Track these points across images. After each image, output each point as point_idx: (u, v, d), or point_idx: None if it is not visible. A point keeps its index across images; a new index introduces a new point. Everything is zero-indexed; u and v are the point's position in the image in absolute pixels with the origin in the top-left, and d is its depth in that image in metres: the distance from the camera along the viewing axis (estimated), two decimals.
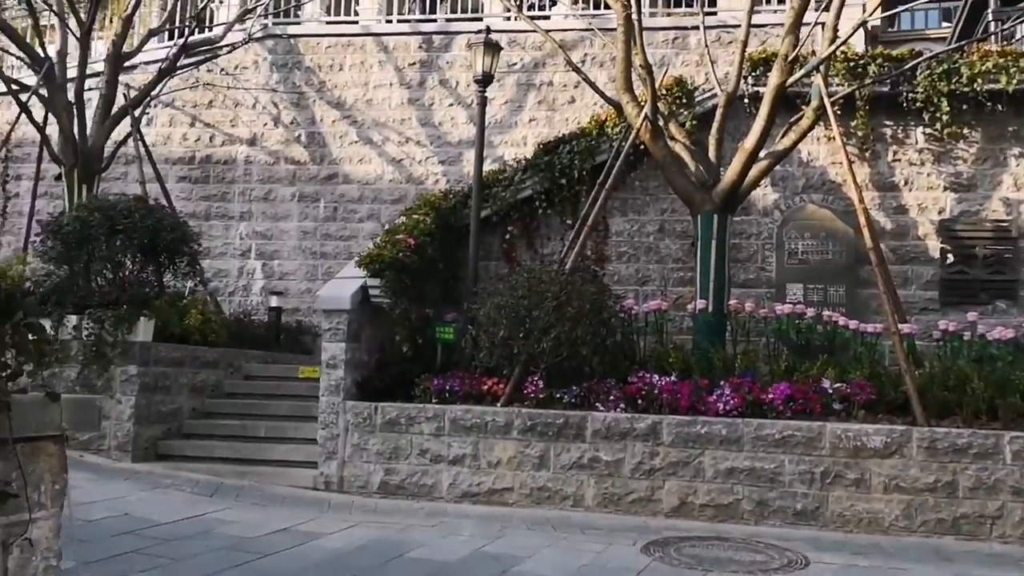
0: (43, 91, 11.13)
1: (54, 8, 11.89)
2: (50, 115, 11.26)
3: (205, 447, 9.08)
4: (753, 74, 10.24)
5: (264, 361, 10.86)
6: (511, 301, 8.01)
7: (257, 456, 8.88)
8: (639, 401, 7.82)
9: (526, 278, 8.27)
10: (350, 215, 12.89)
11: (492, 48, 9.93)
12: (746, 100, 10.15)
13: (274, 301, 12.23)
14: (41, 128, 11.25)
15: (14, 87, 11.33)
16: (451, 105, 12.85)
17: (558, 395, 7.98)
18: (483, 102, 9.93)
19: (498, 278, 9.40)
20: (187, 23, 12.59)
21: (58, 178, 11.43)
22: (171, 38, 13.53)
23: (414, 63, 13.00)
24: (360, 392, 8.48)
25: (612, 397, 7.86)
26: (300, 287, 12.72)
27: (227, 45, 12.96)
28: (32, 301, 8.85)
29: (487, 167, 10.91)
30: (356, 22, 13.62)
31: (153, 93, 12.38)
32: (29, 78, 12.03)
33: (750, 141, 8.88)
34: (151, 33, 12.44)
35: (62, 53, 11.61)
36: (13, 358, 2.84)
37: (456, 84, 12.87)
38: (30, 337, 2.87)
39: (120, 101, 11.72)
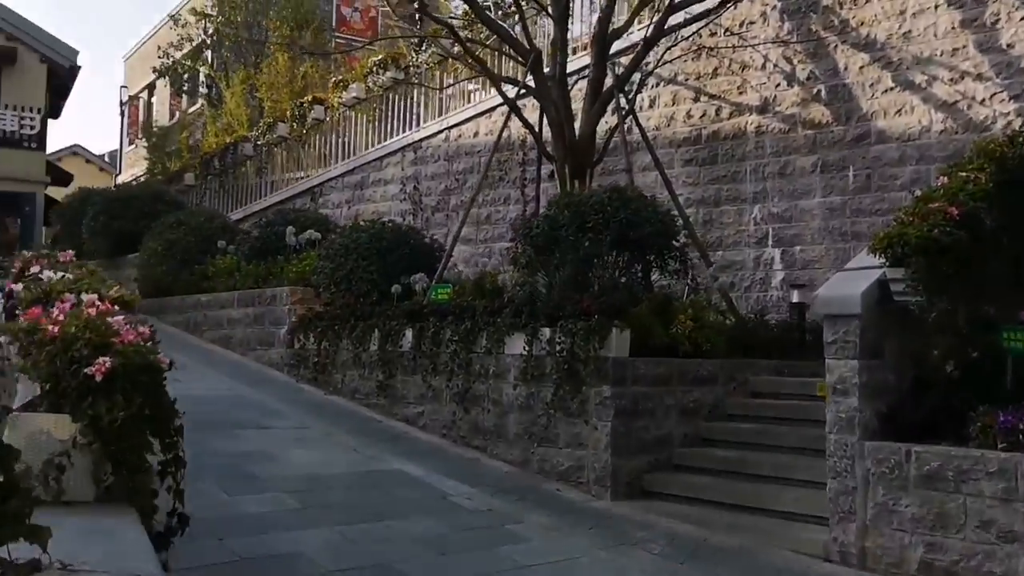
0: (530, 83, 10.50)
1: None
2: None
3: (695, 485, 7.40)
4: None
5: (777, 373, 8.83)
6: None
7: (755, 502, 6.93)
8: None
9: None
10: (888, 183, 10.15)
11: None
12: None
13: (796, 296, 10.08)
14: (529, 124, 10.64)
15: (505, 86, 10.90)
16: None
17: None
18: None
19: None
20: None
21: (551, 176, 10.75)
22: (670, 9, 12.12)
23: None
24: (885, 429, 6.03)
25: None
26: (828, 277, 10.35)
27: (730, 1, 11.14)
28: (508, 314, 8.04)
29: None
30: None
31: (648, 68, 11.10)
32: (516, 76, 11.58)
33: None
34: (642, 3, 11.15)
35: (555, 42, 10.90)
36: None
37: None
38: None
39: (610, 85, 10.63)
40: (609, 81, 10.57)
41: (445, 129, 14.18)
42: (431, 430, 8.83)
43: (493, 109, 13.41)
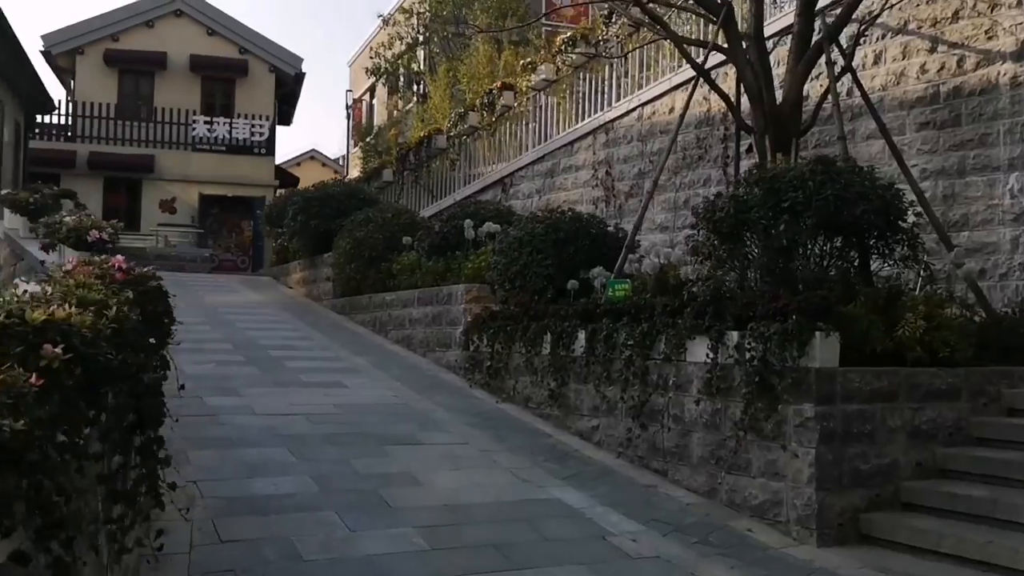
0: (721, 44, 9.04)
1: None
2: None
3: (929, 532, 5.79)
4: None
5: None
6: None
7: (1010, 562, 5.26)
8: None
9: None
10: None
11: None
12: None
13: None
14: (722, 91, 9.19)
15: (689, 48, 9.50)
16: None
17: None
18: None
19: None
20: None
21: (748, 150, 9.25)
22: None
23: None
24: None
25: None
26: None
27: None
28: (689, 314, 6.76)
29: None
30: None
31: (870, 17, 9.31)
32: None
33: None
34: None
35: None
36: None
37: None
38: None
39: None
40: (819, 35, 8.92)
41: (638, 107, 12.92)
42: (606, 447, 7.69)
43: (689, 82, 11.98)
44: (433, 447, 7.36)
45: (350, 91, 38.74)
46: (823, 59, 8.98)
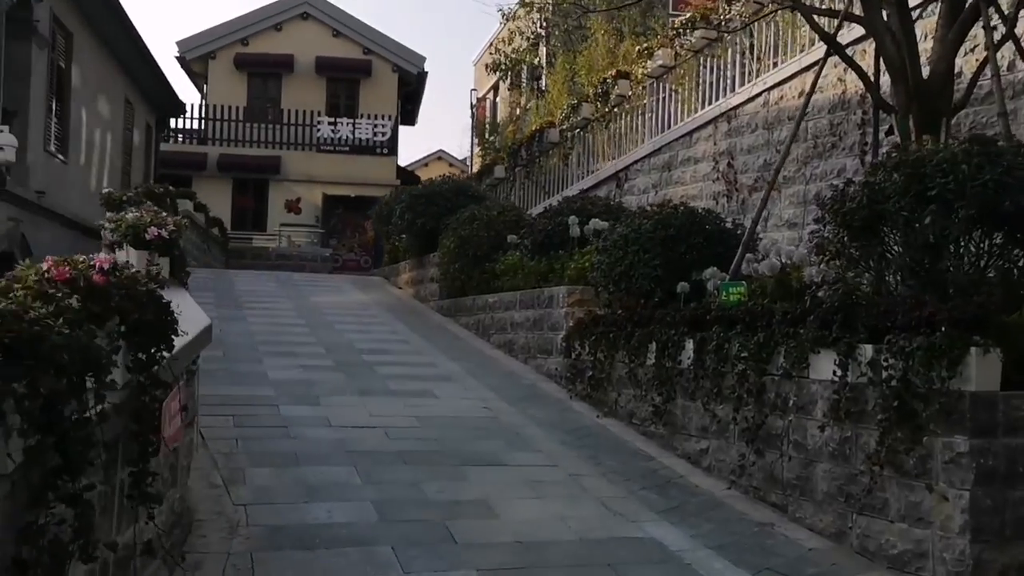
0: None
1: None
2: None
3: None
4: None
5: None
6: None
7: None
8: None
9: None
10: None
11: None
12: None
13: None
14: (857, 66, 8.01)
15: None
16: None
17: None
18: None
19: None
20: None
21: (888, 133, 8.03)
22: None
23: None
24: None
25: None
26: None
27: None
28: (812, 323, 5.76)
29: None
30: None
31: None
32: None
33: None
34: None
35: None
36: None
37: None
38: None
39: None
40: None
41: (764, 91, 11.76)
42: (716, 474, 6.71)
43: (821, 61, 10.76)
44: (517, 469, 6.57)
45: (474, 90, 38.49)
46: (978, 27, 7.70)
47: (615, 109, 14.26)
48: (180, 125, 30.50)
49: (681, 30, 13.05)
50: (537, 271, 10.75)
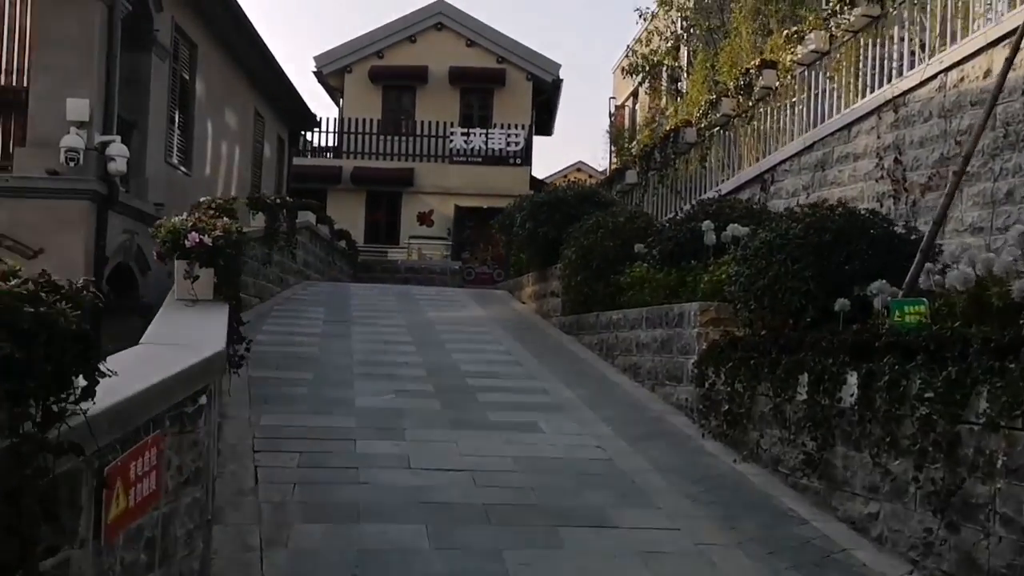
0: None
1: None
2: None
3: None
4: None
5: None
6: None
7: None
8: None
9: None
10: None
11: None
12: None
13: None
14: None
15: None
16: None
17: None
18: None
19: None
20: None
21: None
22: None
23: None
24: None
25: None
26: None
27: None
28: None
29: None
30: None
31: None
32: None
33: None
34: None
35: None
36: None
37: None
38: None
39: None
40: None
41: (939, 73, 9.92)
42: (890, 548, 5.17)
43: (1014, 33, 8.91)
44: (628, 534, 5.23)
45: (613, 98, 37.19)
46: None
47: (759, 103, 12.64)
48: (315, 140, 30.58)
49: (837, 7, 11.35)
50: (666, 284, 9.37)
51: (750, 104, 12.74)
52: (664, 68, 24.86)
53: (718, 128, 13.86)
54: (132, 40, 14.32)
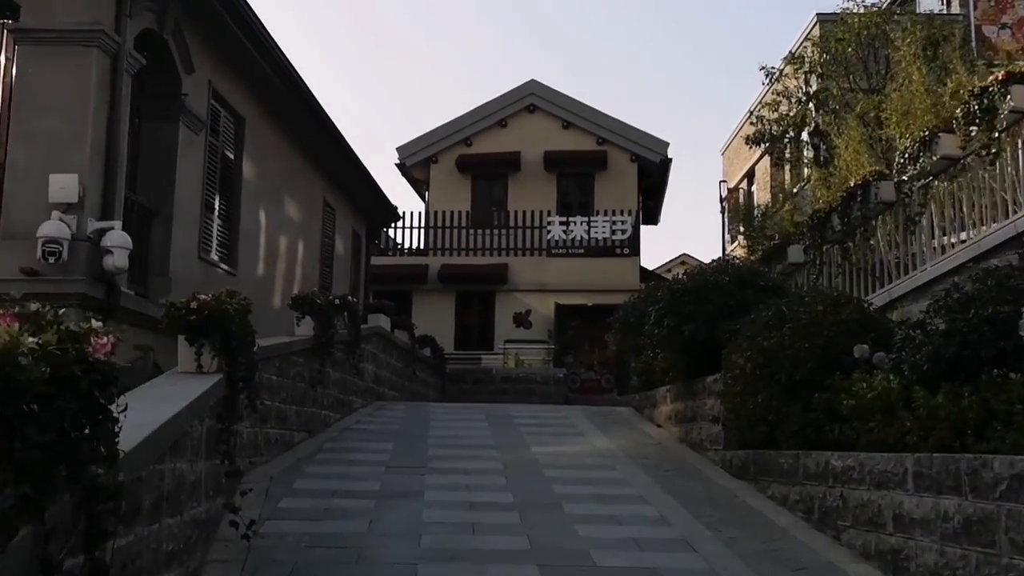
0: None
1: None
2: None
3: None
4: None
5: None
6: None
7: None
8: None
9: None
10: None
11: None
12: None
13: None
14: None
15: None
16: None
17: None
18: None
19: None
20: None
21: None
22: None
23: None
24: None
25: None
26: None
27: None
28: None
29: None
30: None
31: None
32: None
33: None
34: None
35: None
36: None
37: None
38: None
39: None
40: None
41: None
42: None
43: None
44: None
45: (723, 181, 33.53)
46: None
47: (1007, 134, 8.67)
48: (398, 237, 27.69)
49: None
50: (948, 413, 5.41)
51: (993, 136, 8.77)
52: (799, 132, 21.15)
53: (931, 178, 9.89)
54: (153, 108, 11.44)
